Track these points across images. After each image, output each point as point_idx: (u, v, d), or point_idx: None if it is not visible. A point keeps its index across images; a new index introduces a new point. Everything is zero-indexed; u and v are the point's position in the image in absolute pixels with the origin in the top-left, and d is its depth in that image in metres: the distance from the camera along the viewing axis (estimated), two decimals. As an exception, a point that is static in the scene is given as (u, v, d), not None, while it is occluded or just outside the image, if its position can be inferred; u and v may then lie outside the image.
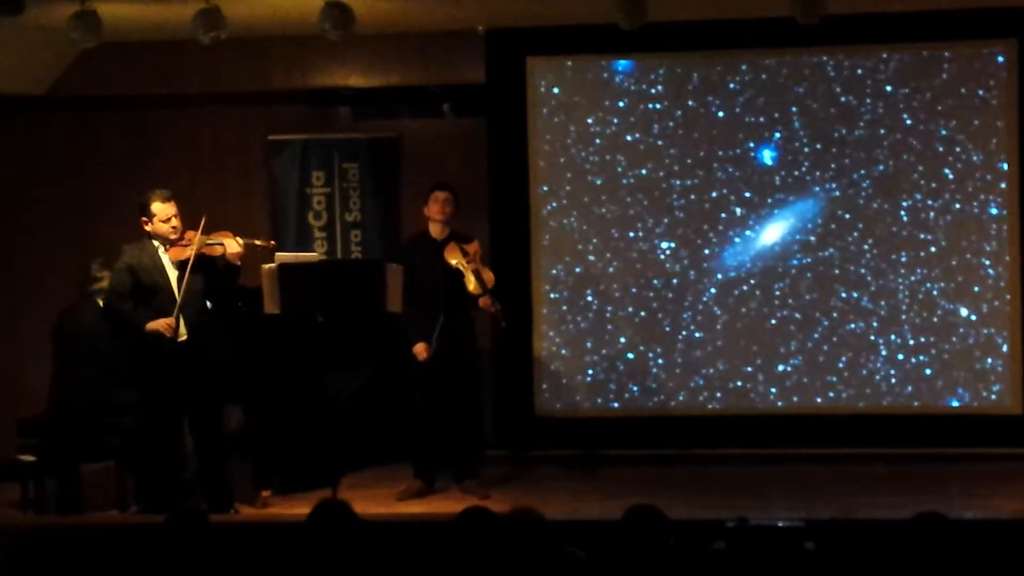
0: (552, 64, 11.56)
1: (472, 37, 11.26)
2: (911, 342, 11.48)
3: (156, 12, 10.08)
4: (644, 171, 11.55)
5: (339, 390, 10.21)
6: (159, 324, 9.06)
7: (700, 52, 11.44)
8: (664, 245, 11.75)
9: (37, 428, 9.79)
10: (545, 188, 11.53)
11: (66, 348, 9.81)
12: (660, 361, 11.50)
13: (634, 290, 11.55)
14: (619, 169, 11.52)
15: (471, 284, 9.76)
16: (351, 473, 10.23)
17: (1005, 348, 11.22)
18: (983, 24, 11.08)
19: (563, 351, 11.53)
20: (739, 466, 10.92)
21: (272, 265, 9.19)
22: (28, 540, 8.31)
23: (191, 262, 9.08)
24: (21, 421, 9.95)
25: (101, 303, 9.77)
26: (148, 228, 9.23)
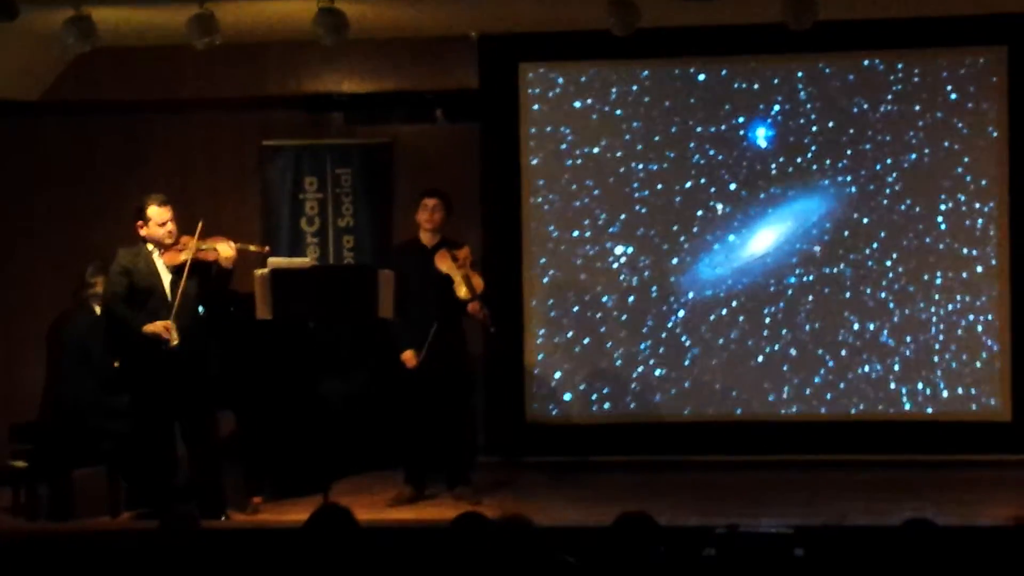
0: (545, 70, 11.56)
1: (465, 43, 11.29)
2: (906, 352, 10.84)
3: (150, 17, 10.11)
4: (637, 175, 11.31)
5: (331, 396, 10.23)
6: (156, 327, 9.06)
7: (694, 57, 11.39)
8: (620, 251, 10.96)
9: (29, 434, 9.80)
10: (537, 194, 11.52)
11: (60, 354, 9.83)
12: (650, 367, 11.38)
13: (620, 297, 11.35)
14: (611, 176, 11.46)
15: (461, 290, 9.77)
16: (342, 479, 10.25)
17: (995, 353, 11.08)
18: (974, 31, 10.91)
19: (554, 357, 11.52)
20: (729, 473, 10.92)
21: (264, 270, 9.21)
22: (20, 546, 8.33)
23: (187, 267, 9.11)
24: (13, 426, 9.96)
25: (98, 308, 9.80)
26: (143, 232, 9.25)
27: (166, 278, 9.22)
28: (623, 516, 6.30)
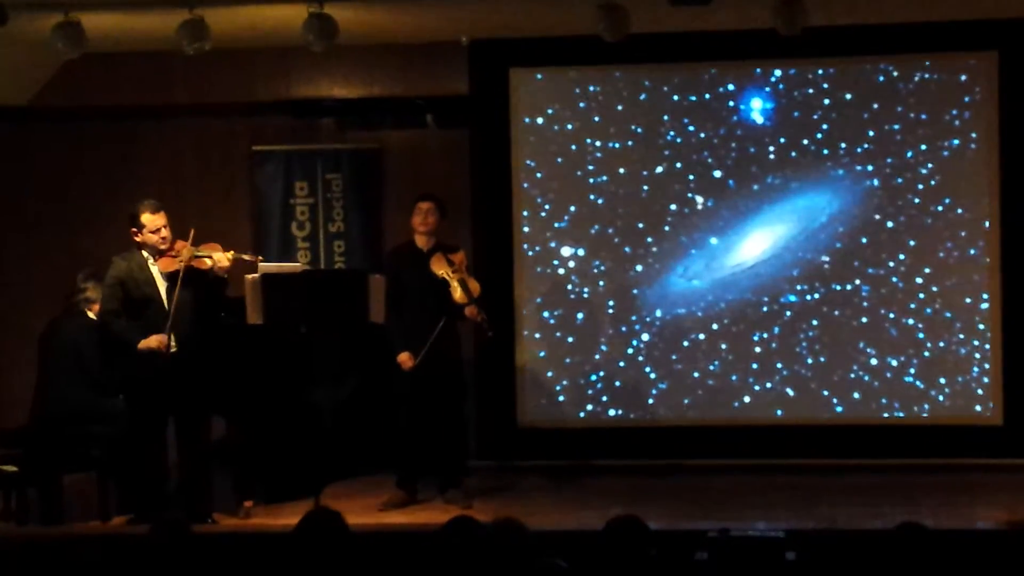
0: (535, 75, 11.56)
1: (455, 48, 11.29)
2: (899, 356, 10.36)
3: (140, 23, 10.11)
4: (621, 173, 10.96)
5: (322, 400, 10.23)
6: (151, 341, 9.08)
7: (684, 64, 11.36)
8: (567, 253, 9.91)
9: (19, 438, 9.79)
10: (528, 198, 11.52)
11: (51, 359, 9.83)
12: (643, 371, 11.30)
13: (612, 302, 11.21)
14: (601, 179, 11.42)
15: (457, 294, 9.79)
16: (334, 483, 10.25)
17: (987, 357, 11.04)
18: (965, 36, 10.88)
19: (546, 362, 11.51)
20: (721, 476, 10.91)
21: (255, 275, 9.21)
22: (9, 550, 8.31)
23: (181, 275, 9.10)
24: (3, 431, 9.97)
25: (90, 313, 9.80)
26: (138, 239, 9.27)
27: (162, 285, 9.23)
28: (614, 520, 6.30)
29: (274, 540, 7.75)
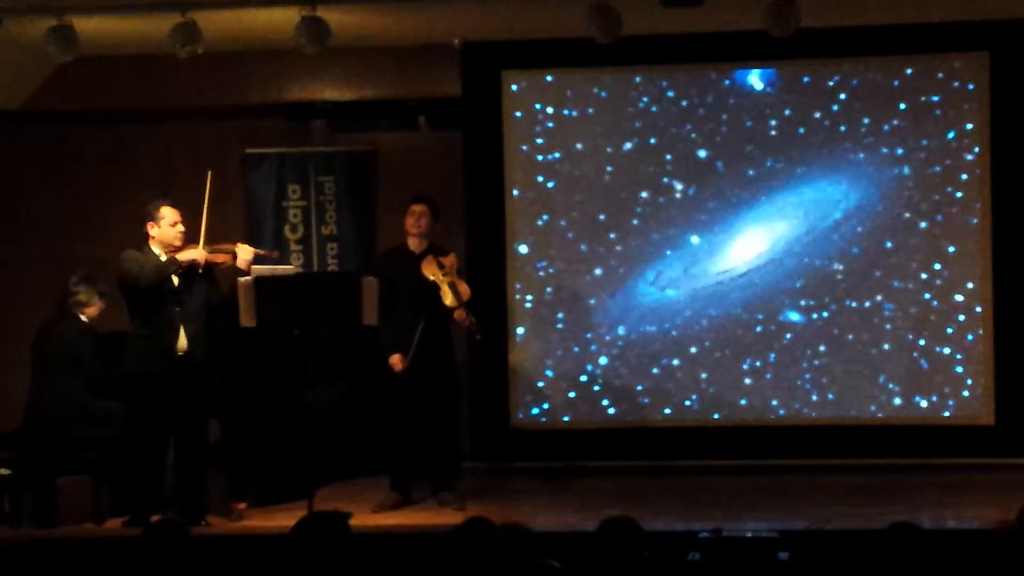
0: (528, 77, 11.58)
1: (448, 50, 11.32)
2: (890, 356, 10.19)
3: (133, 26, 10.13)
4: (578, 148, 10.91)
5: (316, 402, 10.23)
6: (190, 253, 9.11)
7: (675, 65, 11.35)
8: (523, 250, 9.55)
9: (13, 441, 9.80)
10: (520, 200, 11.53)
11: (44, 363, 9.83)
12: (636, 373, 11.29)
13: (561, 315, 11.19)
14: (552, 156, 11.25)
15: (447, 297, 9.81)
16: (327, 485, 10.26)
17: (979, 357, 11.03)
18: (957, 37, 10.90)
19: (539, 363, 11.52)
20: (713, 477, 10.92)
21: (248, 278, 9.23)
22: (3, 554, 8.32)
23: (200, 270, 9.15)
24: (-3, 434, 9.98)
25: (84, 316, 9.79)
26: (153, 233, 9.28)
27: (174, 280, 9.25)
28: (608, 521, 6.31)
29: (271, 542, 7.77)
